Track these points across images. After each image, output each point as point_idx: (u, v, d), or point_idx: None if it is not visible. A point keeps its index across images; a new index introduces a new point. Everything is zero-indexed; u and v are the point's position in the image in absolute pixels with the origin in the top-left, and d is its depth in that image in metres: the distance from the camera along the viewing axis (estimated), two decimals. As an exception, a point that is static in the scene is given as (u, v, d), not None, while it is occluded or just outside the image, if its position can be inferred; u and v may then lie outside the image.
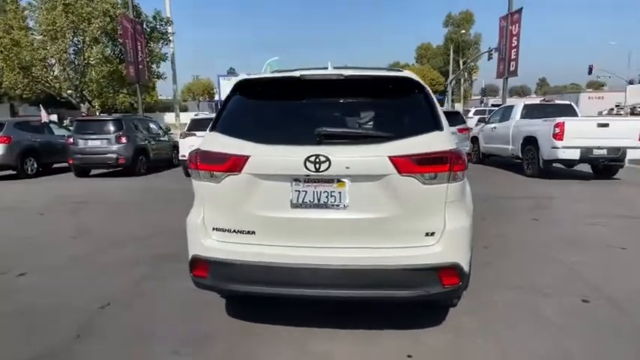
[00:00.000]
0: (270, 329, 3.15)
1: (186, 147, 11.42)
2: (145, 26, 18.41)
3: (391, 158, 2.51)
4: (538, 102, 13.70)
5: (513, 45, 15.99)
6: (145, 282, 4.14)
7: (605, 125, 9.54)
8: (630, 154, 9.74)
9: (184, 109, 50.61)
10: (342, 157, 2.51)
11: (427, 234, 2.61)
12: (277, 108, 2.90)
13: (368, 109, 2.86)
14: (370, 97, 2.84)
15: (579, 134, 9.50)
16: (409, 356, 2.79)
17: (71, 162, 12.05)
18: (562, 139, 9.48)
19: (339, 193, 2.59)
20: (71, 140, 11.94)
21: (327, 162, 2.50)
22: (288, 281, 2.63)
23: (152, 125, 14.08)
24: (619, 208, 7.06)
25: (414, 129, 2.65)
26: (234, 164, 2.61)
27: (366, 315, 3.28)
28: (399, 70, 3.08)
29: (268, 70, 19.12)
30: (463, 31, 59.27)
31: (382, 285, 2.59)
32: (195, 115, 17.10)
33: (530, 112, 11.50)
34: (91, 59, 18.51)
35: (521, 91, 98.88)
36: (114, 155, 11.77)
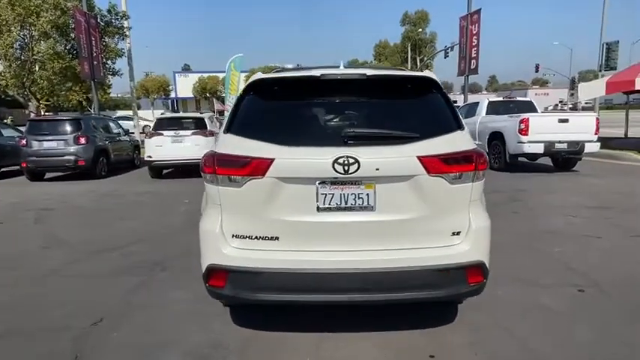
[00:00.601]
0: (284, 337, 3.06)
1: (153, 147, 11.02)
2: (99, 20, 17.47)
3: (420, 158, 2.49)
4: (502, 99, 14.25)
5: (473, 44, 16.54)
6: (137, 293, 3.91)
7: (566, 121, 10.07)
8: (587, 148, 10.32)
9: (137, 107, 48.81)
10: (372, 158, 2.46)
11: (453, 233, 2.62)
12: (297, 108, 2.80)
13: (390, 109, 2.81)
14: (391, 97, 2.80)
15: (542, 129, 9.97)
16: (432, 356, 2.80)
17: (24, 165, 11.24)
18: (527, 134, 9.92)
19: (367, 195, 2.54)
20: (24, 142, 11.14)
21: (356, 163, 2.44)
22: (314, 288, 2.55)
23: (112, 125, 13.43)
24: (583, 199, 7.45)
25: (437, 129, 2.64)
26: (258, 168, 2.50)
27: (380, 316, 3.26)
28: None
29: (232, 67, 18.69)
30: (420, 30, 60.73)
31: (411, 287, 2.56)
32: (162, 113, 16.49)
33: (494, 108, 11.94)
34: (41, 55, 17.34)
35: (473, 88, 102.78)
36: (72, 157, 11.09)
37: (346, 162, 2.44)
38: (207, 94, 53.95)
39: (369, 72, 2.66)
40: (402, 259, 2.53)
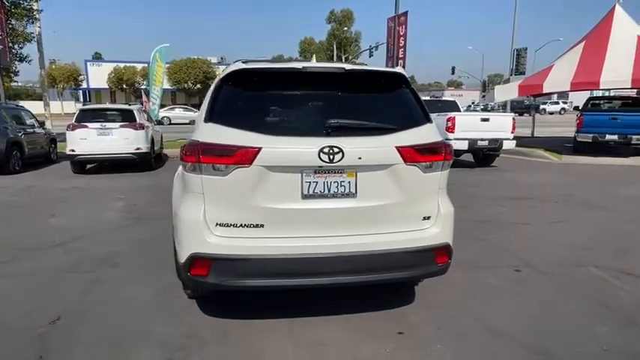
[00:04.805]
0: (256, 324, 3.10)
1: (77, 140, 10.24)
2: (5, 0, 15.69)
3: (398, 148, 2.66)
4: (428, 98, 15.15)
5: (401, 45, 17.39)
6: (92, 289, 3.71)
7: (487, 120, 11.03)
8: (504, 145, 11.35)
9: (40, 98, 44.24)
10: (354, 148, 2.58)
11: (424, 218, 2.84)
12: (280, 99, 2.84)
13: (366, 102, 2.95)
14: (367, 90, 2.95)
15: (467, 127, 10.79)
16: (400, 333, 3.00)
17: None
18: (453, 132, 10.69)
19: (349, 182, 2.66)
20: None
21: (340, 153, 2.55)
22: (298, 272, 2.63)
23: (25, 115, 12.21)
24: (506, 192, 8.23)
25: (410, 121, 2.83)
26: (244, 157, 2.51)
27: (344, 300, 3.40)
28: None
29: (157, 57, 17.76)
30: (345, 28, 62.21)
31: (388, 268, 2.74)
32: (84, 104, 15.24)
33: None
34: None
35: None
36: (-20, 150, 9.96)
37: (331, 151, 2.54)
38: (124, 86, 50.69)
39: (347, 66, 2.78)
40: (381, 242, 2.70)
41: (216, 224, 2.62)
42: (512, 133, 11.12)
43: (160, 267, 4.16)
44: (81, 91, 57.00)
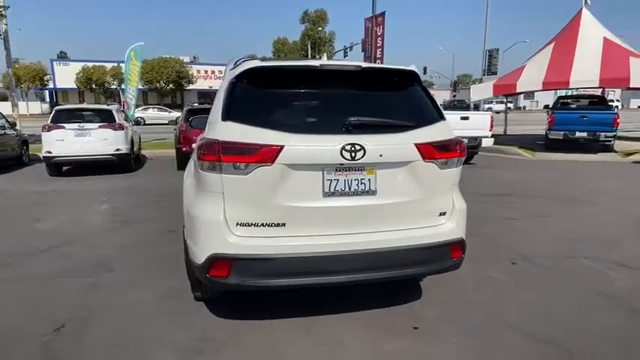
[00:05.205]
0: (271, 324, 3.09)
1: (53, 141, 9.88)
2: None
3: (417, 145, 2.71)
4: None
5: (378, 45, 17.58)
6: (92, 295, 3.60)
7: (466, 118, 11.27)
8: (483, 142, 11.64)
9: (4, 98, 42.16)
10: (376, 145, 2.61)
11: (440, 214, 2.90)
12: (298, 97, 2.84)
13: (382, 100, 2.99)
14: (382, 88, 2.98)
15: (447, 126, 11.01)
16: (415, 328, 3.05)
17: None
18: (435, 131, 10.88)
19: (369, 180, 2.69)
20: None
21: (362, 150, 2.57)
22: (320, 270, 2.64)
23: (-6, 116, 11.70)
24: (488, 188, 8.44)
25: (426, 118, 2.89)
26: (267, 155, 2.50)
27: (355, 298, 3.43)
28: None
29: (132, 56, 17.34)
30: (320, 29, 62.27)
31: (407, 264, 2.78)
32: (60, 104, 14.63)
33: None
34: None
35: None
36: (-53, 153, 9.49)
37: (353, 149, 2.56)
38: (94, 86, 49.02)
39: (364, 64, 2.81)
40: (399, 238, 2.74)
41: (237, 224, 2.59)
42: (490, 131, 11.42)
43: (157, 270, 4.11)
44: (47, 92, 54.84)
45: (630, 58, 13.96)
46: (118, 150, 10.13)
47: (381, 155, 2.63)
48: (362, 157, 2.58)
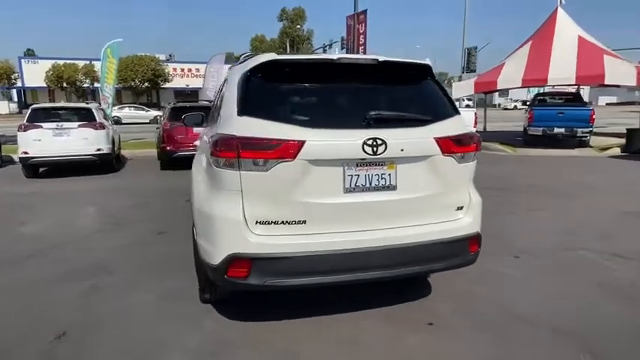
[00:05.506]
0: (286, 324, 3.02)
1: (30, 141, 9.51)
2: None
3: (436, 139, 2.68)
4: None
5: (361, 42, 17.60)
6: (93, 299, 3.47)
7: (451, 115, 11.41)
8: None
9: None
10: (397, 139, 2.57)
11: (458, 208, 2.89)
12: (315, 91, 2.77)
13: (399, 94, 2.96)
14: (398, 82, 2.95)
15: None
16: (430, 324, 3.04)
17: None
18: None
19: (389, 175, 2.65)
20: None
21: (384, 145, 2.53)
22: (342, 268, 2.58)
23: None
24: (476, 182, 8.49)
25: (442, 112, 2.87)
26: (288, 150, 2.42)
27: (367, 295, 3.40)
28: None
29: (108, 53, 16.85)
30: (298, 27, 62.01)
31: (426, 260, 2.76)
32: (32, 104, 14.07)
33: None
34: None
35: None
36: None
37: (374, 143, 2.52)
38: (65, 84, 47.46)
39: (381, 58, 2.76)
40: (419, 233, 2.72)
41: (256, 222, 2.51)
42: (474, 127, 11.60)
43: (156, 271, 4.00)
44: (15, 90, 52.84)
45: (604, 56, 14.37)
46: (99, 150, 9.82)
47: (402, 150, 2.60)
48: (383, 151, 2.54)
